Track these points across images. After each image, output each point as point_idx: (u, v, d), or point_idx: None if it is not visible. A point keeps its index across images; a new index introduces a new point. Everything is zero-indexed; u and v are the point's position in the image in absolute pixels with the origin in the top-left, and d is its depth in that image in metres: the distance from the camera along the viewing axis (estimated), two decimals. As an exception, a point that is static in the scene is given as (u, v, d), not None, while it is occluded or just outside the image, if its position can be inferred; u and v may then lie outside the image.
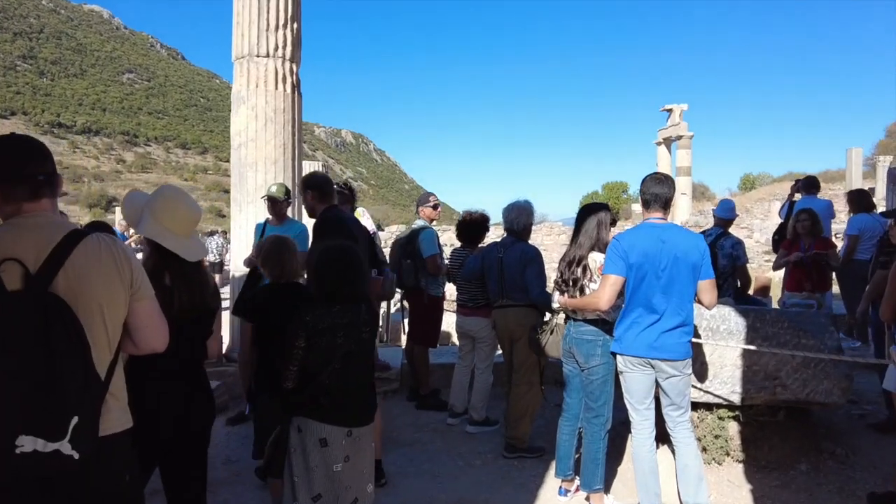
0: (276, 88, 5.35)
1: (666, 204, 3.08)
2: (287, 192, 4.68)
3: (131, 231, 7.86)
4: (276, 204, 4.61)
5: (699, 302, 3.06)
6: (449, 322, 6.41)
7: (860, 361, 3.89)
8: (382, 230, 21.45)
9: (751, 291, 11.25)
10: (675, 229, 3.10)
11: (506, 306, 3.99)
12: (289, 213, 5.22)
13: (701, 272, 2.99)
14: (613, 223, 3.37)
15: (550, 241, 21.08)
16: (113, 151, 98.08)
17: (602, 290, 2.99)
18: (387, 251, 5.42)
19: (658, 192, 3.06)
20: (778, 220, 8.45)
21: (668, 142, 29.78)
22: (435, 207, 5.11)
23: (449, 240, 16.44)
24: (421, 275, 4.84)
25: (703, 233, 5.36)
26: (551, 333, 3.47)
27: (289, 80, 5.42)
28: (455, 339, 7.84)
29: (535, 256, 3.95)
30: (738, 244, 5.39)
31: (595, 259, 3.20)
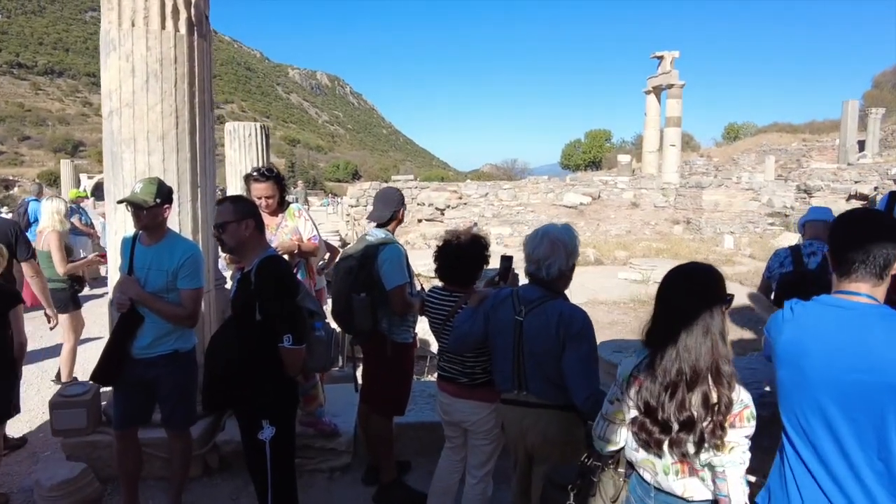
0: (164, 28, 3.58)
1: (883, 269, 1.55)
2: (161, 192, 3.00)
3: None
4: (142, 213, 2.94)
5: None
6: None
7: None
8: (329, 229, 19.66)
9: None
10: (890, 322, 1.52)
11: (524, 404, 2.43)
12: (178, 221, 3.58)
13: None
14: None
15: (538, 201, 19.47)
16: (78, 94, 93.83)
17: None
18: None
19: (873, 249, 1.53)
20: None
21: (657, 90, 28.76)
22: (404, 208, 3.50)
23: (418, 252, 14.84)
24: (381, 313, 3.24)
25: (806, 252, 3.77)
26: (593, 496, 1.92)
27: (182, 14, 3.64)
28: (434, 345, 6.35)
29: (583, 330, 2.32)
30: None
31: (737, 398, 1.66)
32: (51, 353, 6.88)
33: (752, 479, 1.71)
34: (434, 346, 9.06)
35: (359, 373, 3.79)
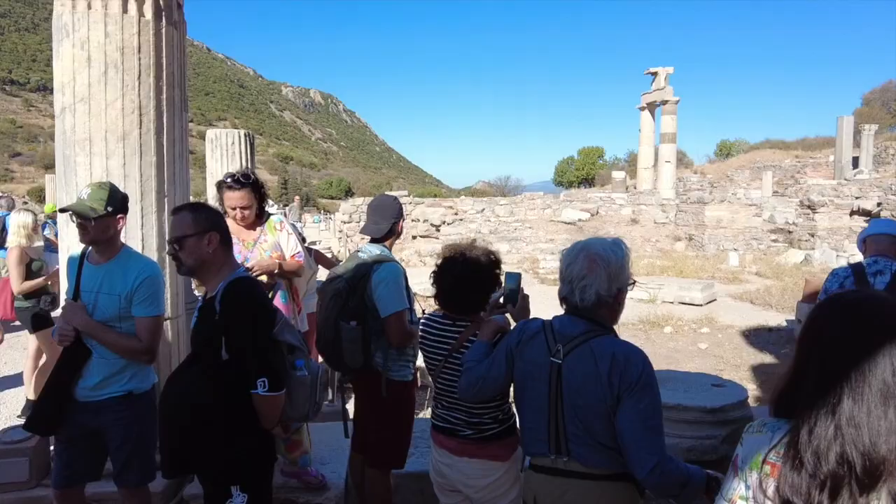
0: (126, 11, 3.08)
1: None
2: (114, 199, 2.48)
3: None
4: (89, 224, 2.41)
5: None
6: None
7: None
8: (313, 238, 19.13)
9: (799, 298, 9.39)
10: None
11: (565, 473, 1.82)
12: (141, 235, 3.08)
13: None
14: None
15: (535, 217, 19.01)
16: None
17: None
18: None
19: None
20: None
21: (652, 107, 28.76)
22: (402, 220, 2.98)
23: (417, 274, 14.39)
24: (375, 346, 2.71)
25: (871, 271, 3.25)
26: None
27: (148, -4, 3.15)
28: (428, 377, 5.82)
29: (644, 377, 1.73)
30: None
31: None
32: (12, 382, 6.29)
33: None
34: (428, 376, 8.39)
35: (350, 405, 3.25)
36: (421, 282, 10.87)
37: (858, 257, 13.35)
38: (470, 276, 2.30)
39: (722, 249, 16.28)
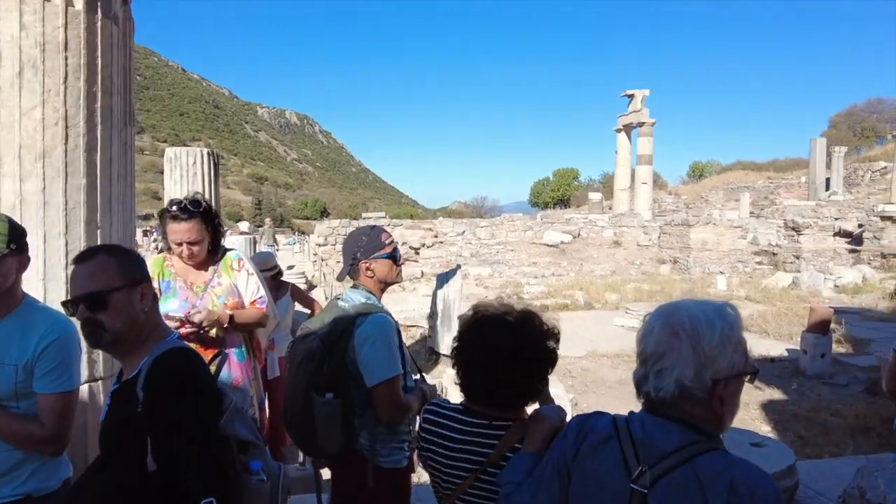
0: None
1: None
2: (16, 234, 1.87)
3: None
4: None
5: None
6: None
7: None
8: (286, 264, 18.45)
9: (804, 328, 8.97)
10: None
11: None
12: (66, 279, 2.46)
13: None
14: None
15: (516, 239, 18.54)
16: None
17: None
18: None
19: None
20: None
21: (628, 129, 28.97)
22: (392, 257, 2.36)
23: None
24: (360, 424, 2.10)
25: None
26: None
27: (78, -19, 2.56)
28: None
29: None
30: None
31: None
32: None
33: None
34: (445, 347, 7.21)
35: (326, 472, 2.61)
36: (402, 310, 10.28)
37: (845, 280, 12.92)
38: (517, 355, 1.56)
39: (708, 272, 15.96)
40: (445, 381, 5.51)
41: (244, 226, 14.56)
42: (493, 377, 1.57)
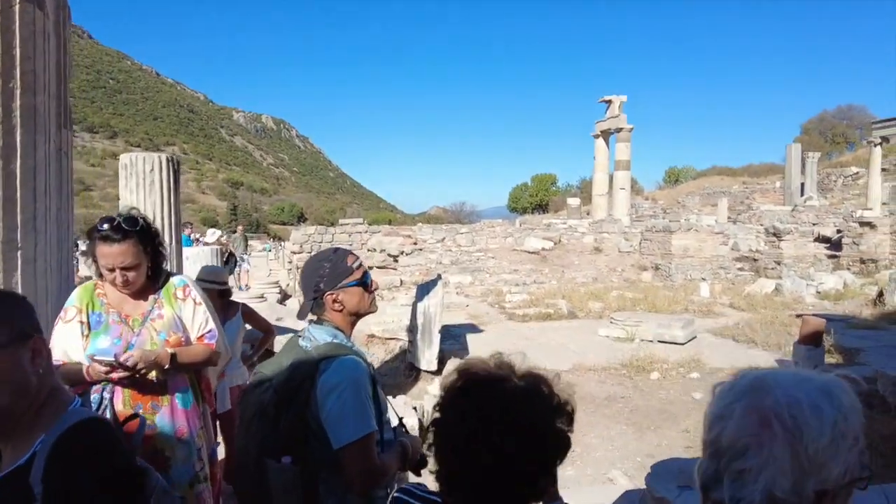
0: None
1: None
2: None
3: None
4: None
5: None
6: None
7: None
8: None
9: (791, 336, 8.77)
10: None
11: None
12: None
13: None
14: None
15: (496, 245, 18.23)
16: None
17: None
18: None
19: None
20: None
21: (606, 134, 29.07)
22: (363, 283, 1.96)
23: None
24: (326, 494, 1.70)
25: None
26: None
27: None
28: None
29: None
30: None
31: None
32: None
33: None
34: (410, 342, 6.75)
35: None
36: (380, 321, 9.86)
37: (826, 285, 12.74)
38: (518, 440, 1.11)
39: (690, 279, 15.80)
40: (427, 404, 5.14)
41: (212, 235, 13.92)
42: (483, 468, 1.13)
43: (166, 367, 2.11)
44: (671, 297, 13.43)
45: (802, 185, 35.88)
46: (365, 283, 1.96)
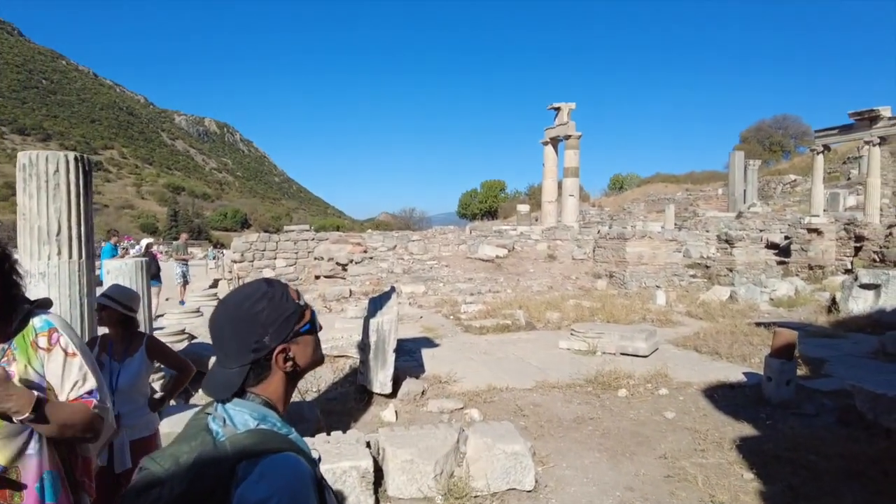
0: None
1: None
2: None
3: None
4: None
5: None
6: None
7: None
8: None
9: (752, 346, 8.49)
10: None
11: None
12: None
13: None
14: None
15: (449, 253, 17.70)
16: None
17: None
18: None
19: None
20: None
21: (555, 141, 29.04)
22: (313, 325, 1.37)
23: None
24: None
25: None
26: None
27: None
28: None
29: None
30: None
31: None
32: None
33: None
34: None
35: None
36: (328, 337, 9.12)
37: (779, 292, 12.63)
38: None
39: (644, 287, 15.63)
40: (382, 439, 4.51)
41: (138, 245, 12.83)
42: None
43: (23, 417, 1.46)
44: (628, 305, 13.17)
45: (745, 191, 36.82)
46: (316, 327, 1.38)
